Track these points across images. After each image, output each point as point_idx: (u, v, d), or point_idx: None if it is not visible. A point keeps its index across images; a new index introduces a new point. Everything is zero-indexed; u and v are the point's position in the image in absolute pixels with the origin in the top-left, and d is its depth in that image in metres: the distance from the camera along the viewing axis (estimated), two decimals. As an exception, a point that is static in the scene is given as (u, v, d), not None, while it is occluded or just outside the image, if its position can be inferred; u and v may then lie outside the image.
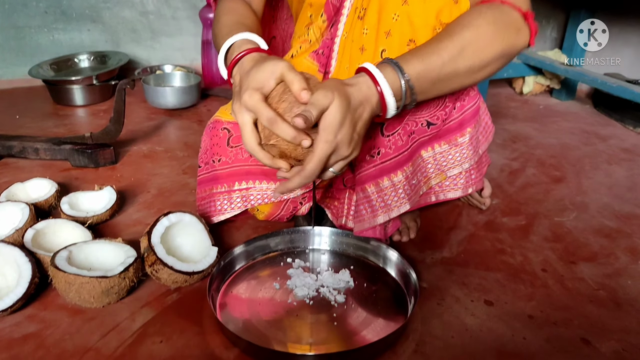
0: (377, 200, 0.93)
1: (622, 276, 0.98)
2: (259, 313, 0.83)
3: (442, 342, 0.80)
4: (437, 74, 0.75)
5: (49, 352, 0.76)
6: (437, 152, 0.95)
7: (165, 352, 0.76)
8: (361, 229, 0.95)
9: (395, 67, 0.73)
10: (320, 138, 0.68)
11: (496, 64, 0.80)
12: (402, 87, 0.73)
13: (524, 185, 1.33)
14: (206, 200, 1.01)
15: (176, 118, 1.74)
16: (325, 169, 0.72)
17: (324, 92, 0.67)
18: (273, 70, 0.71)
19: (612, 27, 2.05)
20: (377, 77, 0.72)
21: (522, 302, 0.90)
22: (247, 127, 0.72)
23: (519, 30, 0.79)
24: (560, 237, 1.10)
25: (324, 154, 0.68)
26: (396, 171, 0.91)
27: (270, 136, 0.71)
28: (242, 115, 0.71)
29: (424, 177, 0.97)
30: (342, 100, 0.68)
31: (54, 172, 1.31)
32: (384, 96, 0.72)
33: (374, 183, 0.92)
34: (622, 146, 1.61)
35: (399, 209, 0.93)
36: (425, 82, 0.75)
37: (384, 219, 0.94)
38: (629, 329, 0.84)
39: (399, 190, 0.92)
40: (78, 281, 0.80)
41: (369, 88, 0.72)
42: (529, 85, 2.07)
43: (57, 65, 1.93)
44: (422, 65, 0.74)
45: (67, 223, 0.99)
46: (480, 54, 0.77)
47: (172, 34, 2.17)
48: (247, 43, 0.81)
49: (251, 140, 0.72)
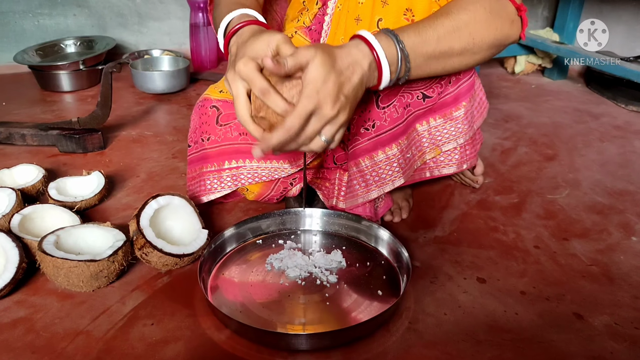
0: (372, 174, 0.92)
1: (615, 252, 0.98)
2: (250, 295, 0.82)
3: (435, 319, 0.79)
4: (432, 49, 0.75)
5: (39, 336, 0.75)
6: (432, 125, 0.94)
7: (157, 334, 0.76)
8: (354, 205, 0.94)
9: (390, 35, 0.72)
10: (302, 93, 0.65)
11: (488, 52, 0.80)
12: (397, 54, 0.72)
13: (517, 164, 1.33)
14: (196, 180, 1.00)
15: (165, 103, 1.72)
16: (313, 135, 0.69)
17: (306, 48, 0.66)
18: (269, 41, 0.69)
19: (604, 5, 2.04)
20: (372, 42, 0.70)
21: (515, 278, 0.89)
22: (241, 97, 0.70)
23: (512, 22, 0.80)
24: (553, 214, 1.10)
25: (304, 109, 0.65)
26: (391, 144, 0.90)
27: (261, 108, 0.69)
28: (235, 84, 0.69)
29: (418, 152, 0.96)
30: (326, 57, 0.65)
31: (42, 158, 1.30)
32: (379, 60, 0.71)
33: (368, 157, 0.91)
34: (614, 124, 1.61)
35: (393, 182, 0.93)
36: (419, 55, 0.74)
37: (377, 193, 0.93)
38: (621, 303, 0.84)
39: (394, 164, 0.92)
40: (66, 265, 0.79)
41: (360, 51, 0.70)
42: (521, 64, 2.06)
43: (43, 50, 1.90)
44: (418, 37, 0.73)
45: (55, 208, 0.98)
46: (475, 38, 0.77)
47: (159, 18, 2.13)
48: (246, 17, 0.80)
49: (243, 111, 0.70)
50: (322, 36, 0.90)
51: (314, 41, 0.91)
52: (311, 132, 0.68)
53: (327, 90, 0.65)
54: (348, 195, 0.94)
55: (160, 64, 1.92)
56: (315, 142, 0.69)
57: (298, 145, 0.69)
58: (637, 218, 1.09)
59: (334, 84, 0.66)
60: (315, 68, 0.64)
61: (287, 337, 0.74)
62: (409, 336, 0.76)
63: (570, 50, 1.80)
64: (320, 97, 0.65)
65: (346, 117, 0.69)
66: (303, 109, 0.65)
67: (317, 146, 0.70)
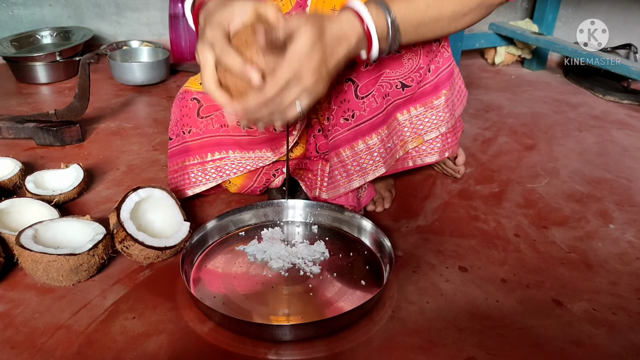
0: (352, 164, 0.92)
1: (593, 239, 0.99)
2: (233, 286, 0.82)
3: (417, 307, 0.80)
4: (422, 16, 0.74)
5: (18, 331, 0.74)
6: (413, 115, 0.94)
7: (139, 327, 0.75)
8: (336, 195, 0.94)
9: (381, 6, 0.71)
10: (284, 60, 0.64)
11: (478, 12, 0.78)
12: (388, 26, 0.71)
13: (497, 154, 1.34)
14: (179, 173, 0.99)
15: (145, 94, 1.70)
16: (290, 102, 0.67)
17: (296, 18, 0.65)
18: (243, 8, 0.67)
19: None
20: (364, 15, 0.69)
21: (496, 266, 0.90)
22: (208, 66, 0.68)
23: None
24: (533, 202, 1.11)
25: (284, 76, 0.64)
26: (371, 134, 0.90)
27: (225, 75, 0.68)
28: (204, 53, 0.68)
29: (400, 141, 0.96)
30: (314, 28, 0.64)
31: (18, 151, 1.27)
32: (370, 35, 0.70)
33: (348, 147, 0.91)
34: (592, 113, 1.63)
35: (375, 172, 0.93)
36: (409, 24, 0.73)
37: (359, 183, 0.93)
38: (599, 289, 0.86)
39: (374, 154, 0.92)
40: (45, 259, 0.78)
41: (352, 26, 0.69)
42: (501, 55, 2.07)
43: (18, 41, 1.86)
44: (408, 5, 0.72)
45: (33, 202, 0.96)
46: (467, 2, 0.75)
47: (138, 9, 2.10)
48: None
49: (210, 81, 0.68)
50: (307, 4, 0.87)
51: (297, 6, 0.88)
52: (287, 100, 0.67)
53: (311, 61, 0.65)
54: (330, 186, 0.94)
55: (139, 55, 1.89)
56: (290, 110, 0.68)
57: (272, 113, 0.68)
58: (615, 206, 1.11)
59: (318, 57, 0.65)
60: (302, 38, 0.64)
61: (271, 328, 0.74)
62: (393, 325, 0.77)
63: (549, 41, 1.82)
64: (302, 67, 0.64)
65: (324, 89, 0.69)
66: (282, 76, 0.64)
67: (292, 115, 0.69)
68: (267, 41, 0.64)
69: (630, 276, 0.89)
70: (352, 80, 0.86)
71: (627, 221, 1.05)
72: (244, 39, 0.66)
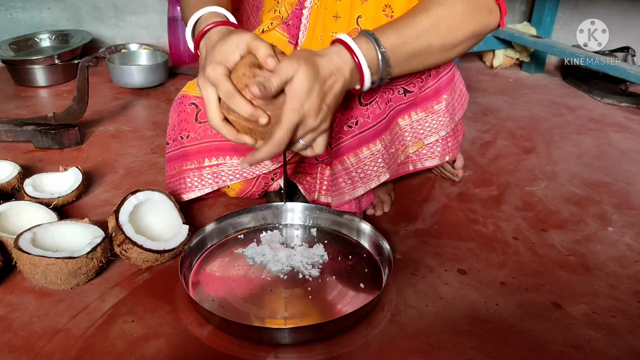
0: (357, 171, 0.92)
1: (592, 242, 1.00)
2: (232, 290, 0.82)
3: (416, 310, 0.80)
4: (412, 48, 0.75)
5: (16, 335, 0.74)
6: (414, 119, 0.95)
7: (137, 330, 0.75)
8: (341, 202, 0.94)
9: (370, 38, 0.72)
10: (287, 106, 0.66)
11: (468, 43, 0.81)
12: (378, 58, 0.72)
13: (495, 157, 1.34)
14: (176, 177, 0.99)
15: (143, 97, 1.70)
16: (294, 141, 0.71)
17: (289, 61, 0.66)
18: (238, 43, 0.69)
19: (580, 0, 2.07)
20: (353, 47, 0.71)
21: (495, 269, 0.90)
22: (212, 102, 0.70)
23: (490, 11, 0.80)
24: (531, 205, 1.11)
25: (291, 122, 0.67)
26: (375, 140, 0.91)
27: (230, 112, 0.70)
28: (206, 89, 0.70)
29: (401, 146, 0.96)
30: (310, 69, 0.66)
31: (17, 154, 1.27)
32: (361, 66, 0.71)
33: (353, 154, 0.91)
34: (591, 116, 1.64)
35: (379, 178, 0.93)
36: (399, 56, 0.74)
37: (364, 190, 0.93)
38: (598, 292, 0.86)
39: (379, 160, 0.92)
40: (43, 263, 0.78)
41: (342, 58, 0.70)
42: (499, 58, 2.08)
43: (17, 45, 1.86)
44: (397, 37, 0.73)
45: (31, 205, 0.96)
46: (453, 32, 0.77)
47: (136, 12, 2.10)
48: (214, 16, 0.79)
49: (215, 116, 0.70)
50: (300, 30, 0.89)
51: (292, 37, 0.90)
52: (295, 140, 0.71)
53: (311, 102, 0.67)
54: (335, 193, 0.94)
55: (138, 58, 1.89)
56: (295, 146, 0.73)
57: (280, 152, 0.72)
58: (613, 209, 1.11)
59: (317, 96, 0.67)
60: (299, 81, 0.66)
61: (270, 331, 0.74)
62: (391, 328, 0.77)
63: (547, 44, 1.82)
64: (305, 109, 0.67)
65: (328, 124, 0.72)
66: (290, 122, 0.67)
67: (297, 149, 0.73)
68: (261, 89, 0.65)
69: (629, 279, 0.89)
70: None
71: (625, 224, 1.05)
72: (242, 73, 0.68)
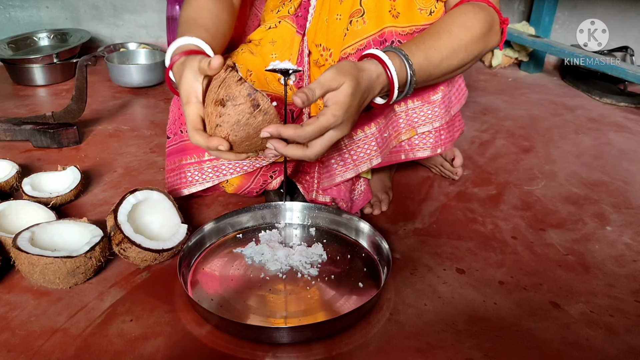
0: (350, 152, 0.93)
1: (590, 241, 1.00)
2: (231, 289, 0.82)
3: (415, 309, 0.80)
4: (434, 69, 0.81)
5: (14, 334, 0.74)
6: (409, 107, 0.96)
7: (136, 330, 0.75)
8: (332, 184, 0.94)
9: (402, 57, 0.77)
10: (329, 110, 0.70)
11: (474, 61, 0.87)
12: (407, 77, 0.77)
13: (494, 156, 1.34)
14: (176, 172, 0.99)
15: (142, 97, 1.70)
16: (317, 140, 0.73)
17: (334, 74, 0.70)
18: (193, 75, 0.72)
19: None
20: (388, 65, 0.75)
21: (493, 269, 0.91)
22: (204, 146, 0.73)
23: (497, 33, 0.88)
24: (530, 205, 1.12)
25: (327, 124, 0.70)
26: (370, 123, 0.92)
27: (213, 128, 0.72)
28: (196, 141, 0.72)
29: (394, 132, 0.97)
30: (355, 84, 0.71)
31: (15, 153, 1.27)
32: (393, 84, 0.75)
33: (347, 135, 0.91)
34: (589, 116, 1.64)
35: (371, 162, 0.93)
36: (423, 75, 0.80)
37: (354, 172, 0.94)
38: (596, 291, 0.86)
39: (372, 143, 0.92)
40: (42, 262, 0.78)
41: (378, 76, 0.75)
42: (498, 58, 2.08)
43: (15, 44, 1.85)
44: (425, 59, 0.79)
45: (30, 204, 0.96)
46: (469, 53, 0.83)
47: (135, 11, 2.10)
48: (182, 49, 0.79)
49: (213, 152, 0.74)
50: (308, 20, 0.90)
51: (299, 27, 0.92)
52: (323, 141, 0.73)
53: (351, 113, 0.72)
54: (325, 175, 0.95)
55: (136, 57, 1.89)
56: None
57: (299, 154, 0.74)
58: (612, 208, 1.11)
59: (356, 109, 0.73)
60: (345, 94, 0.70)
61: (269, 330, 0.74)
62: (390, 327, 0.77)
63: (546, 43, 1.82)
64: (344, 118, 0.71)
65: (349, 130, 0.75)
66: (326, 123, 0.70)
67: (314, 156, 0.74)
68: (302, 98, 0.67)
69: (627, 278, 0.89)
70: None
71: (624, 223, 1.06)
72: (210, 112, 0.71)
